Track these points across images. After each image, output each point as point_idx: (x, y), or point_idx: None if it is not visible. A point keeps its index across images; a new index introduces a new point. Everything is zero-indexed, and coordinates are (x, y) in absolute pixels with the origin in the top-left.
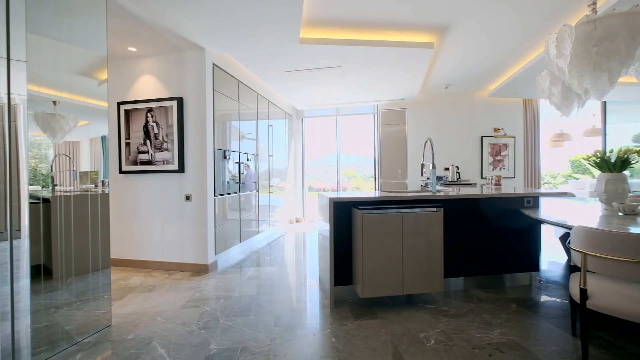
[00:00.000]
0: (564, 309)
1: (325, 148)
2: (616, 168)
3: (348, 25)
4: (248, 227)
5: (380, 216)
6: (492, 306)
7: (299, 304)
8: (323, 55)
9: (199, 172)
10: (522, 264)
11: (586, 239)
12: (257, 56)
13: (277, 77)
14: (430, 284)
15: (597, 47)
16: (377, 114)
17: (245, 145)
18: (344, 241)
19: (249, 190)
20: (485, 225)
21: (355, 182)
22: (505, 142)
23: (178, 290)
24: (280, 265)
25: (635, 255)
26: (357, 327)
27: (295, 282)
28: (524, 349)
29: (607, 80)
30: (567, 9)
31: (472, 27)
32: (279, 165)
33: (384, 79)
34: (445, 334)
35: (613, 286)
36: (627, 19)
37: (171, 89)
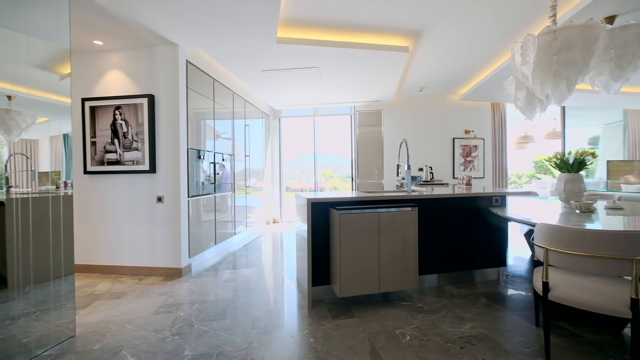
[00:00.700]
0: (529, 301)
1: (302, 148)
2: (574, 169)
3: (325, 26)
4: (224, 229)
5: (357, 216)
6: (464, 301)
7: (277, 306)
8: (300, 55)
9: (171, 172)
10: (490, 260)
11: (548, 235)
12: (233, 54)
13: (254, 76)
14: (406, 281)
15: (557, 56)
16: (354, 115)
17: (221, 145)
18: (322, 241)
19: (224, 191)
20: (457, 224)
21: (332, 182)
22: (475, 143)
23: (149, 295)
24: (258, 267)
25: (590, 249)
26: (335, 326)
27: (273, 284)
28: (492, 340)
29: (565, 87)
30: (531, 19)
31: (444, 33)
32: (256, 166)
33: (360, 81)
34: (420, 330)
35: (572, 279)
36: (582, 31)
37: (141, 86)
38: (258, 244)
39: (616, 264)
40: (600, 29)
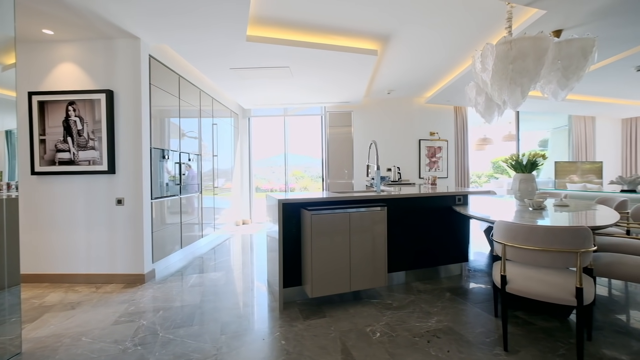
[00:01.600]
0: (488, 293)
1: (272, 148)
2: (527, 169)
3: (296, 26)
4: (190, 232)
5: (328, 216)
6: (430, 296)
7: (247, 309)
8: (271, 54)
9: (132, 173)
10: (454, 256)
11: (505, 232)
12: (200, 51)
13: (223, 74)
14: (376, 279)
15: (512, 64)
16: (325, 116)
17: (187, 144)
18: (293, 242)
19: (190, 192)
20: (424, 222)
21: (303, 182)
22: (439, 145)
23: (108, 304)
24: (226, 270)
25: (542, 244)
26: (306, 327)
27: (243, 287)
28: (456, 332)
29: (520, 94)
30: (490, 29)
31: (411, 38)
32: (224, 166)
33: (331, 82)
34: (389, 326)
35: (526, 272)
36: (534, 43)
37: (99, 81)
38: (227, 247)
39: (564, 257)
40: (550, 42)
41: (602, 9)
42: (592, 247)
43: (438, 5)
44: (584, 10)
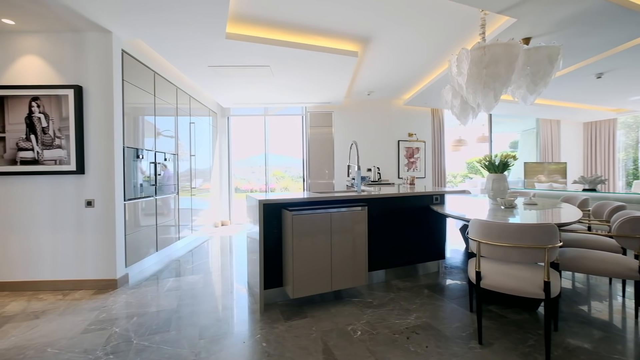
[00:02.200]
0: (464, 289)
1: (252, 148)
2: (499, 169)
3: (277, 25)
4: (166, 234)
5: (309, 217)
6: (409, 294)
7: (226, 312)
8: (251, 53)
9: (103, 173)
10: (432, 254)
11: (480, 230)
12: (177, 47)
13: (201, 72)
14: (356, 278)
15: (486, 69)
16: (306, 116)
17: (163, 144)
18: (274, 243)
19: (167, 193)
20: (403, 221)
21: (283, 182)
22: (417, 146)
23: (77, 312)
24: (205, 273)
25: (513, 241)
26: (287, 328)
27: (222, 290)
28: (434, 328)
29: (493, 97)
30: (466, 34)
31: (390, 41)
32: (203, 166)
33: (312, 82)
34: (370, 324)
35: (499, 267)
36: (506, 49)
37: (66, 76)
38: (205, 249)
39: (533, 253)
40: (520, 48)
41: (566, 19)
42: (559, 243)
43: (416, 10)
44: (550, 20)
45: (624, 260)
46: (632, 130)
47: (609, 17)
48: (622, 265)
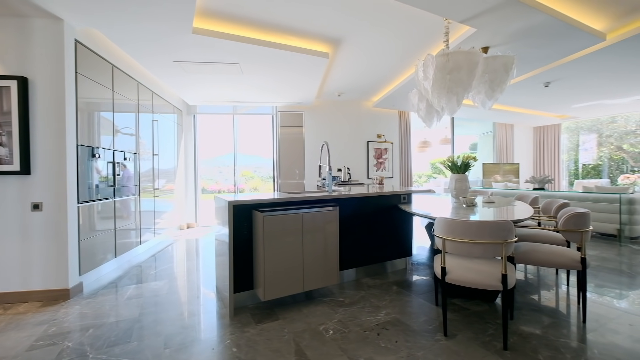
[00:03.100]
0: (430, 284)
1: (220, 147)
2: (461, 170)
3: (248, 22)
4: (126, 238)
5: (281, 217)
6: (379, 291)
7: (194, 319)
8: (220, 49)
9: (53, 174)
10: (399, 251)
11: (445, 227)
12: (139, 40)
13: (165, 67)
14: (328, 278)
15: (449, 75)
16: (276, 115)
17: (122, 142)
18: (244, 245)
19: (126, 195)
20: (372, 220)
21: (252, 182)
22: (385, 147)
23: (21, 327)
24: (169, 279)
25: (475, 237)
26: (259, 331)
27: (188, 295)
28: (403, 323)
29: (456, 102)
30: (432, 40)
31: (360, 44)
32: (166, 165)
33: (282, 81)
34: (341, 323)
35: (462, 263)
36: (467, 57)
37: (8, 66)
38: (169, 253)
39: (492, 248)
40: (479, 56)
41: (519, 32)
42: (514, 238)
43: (385, 15)
44: (505, 32)
45: (569, 253)
46: (574, 135)
47: (555, 32)
48: (567, 257)
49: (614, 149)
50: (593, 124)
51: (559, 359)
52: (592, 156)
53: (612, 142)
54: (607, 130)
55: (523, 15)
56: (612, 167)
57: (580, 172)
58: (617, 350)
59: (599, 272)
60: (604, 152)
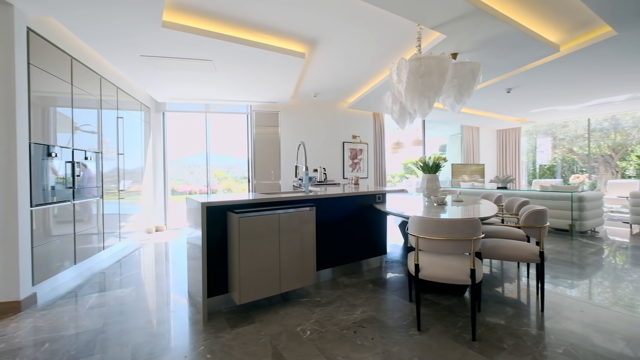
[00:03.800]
0: (404, 281)
1: (191, 147)
2: (432, 170)
3: (222, 18)
4: (87, 244)
5: (257, 219)
6: (355, 289)
7: (164, 326)
8: (192, 45)
9: (2, 174)
10: (374, 250)
11: (418, 225)
12: (102, 31)
13: (131, 61)
14: (305, 278)
15: (422, 79)
16: (251, 115)
17: (83, 140)
18: (218, 247)
19: (87, 197)
20: (348, 220)
21: (226, 183)
22: (360, 147)
23: None
24: (136, 285)
25: (446, 234)
26: (234, 336)
27: (157, 302)
28: (379, 320)
29: (427, 105)
30: (405, 44)
31: (336, 46)
32: (133, 165)
33: (257, 80)
34: (319, 323)
35: (434, 259)
36: (438, 62)
37: None
38: (136, 258)
39: (462, 244)
40: (449, 62)
41: (485, 40)
42: (481, 234)
43: (361, 18)
44: (472, 39)
45: (529, 247)
46: (532, 138)
47: (516, 41)
48: (528, 251)
49: (566, 151)
50: (548, 128)
51: (521, 346)
52: (548, 157)
53: (564, 144)
54: (560, 134)
55: (488, 24)
56: (564, 167)
57: (537, 172)
58: (570, 335)
59: (554, 264)
60: (558, 154)
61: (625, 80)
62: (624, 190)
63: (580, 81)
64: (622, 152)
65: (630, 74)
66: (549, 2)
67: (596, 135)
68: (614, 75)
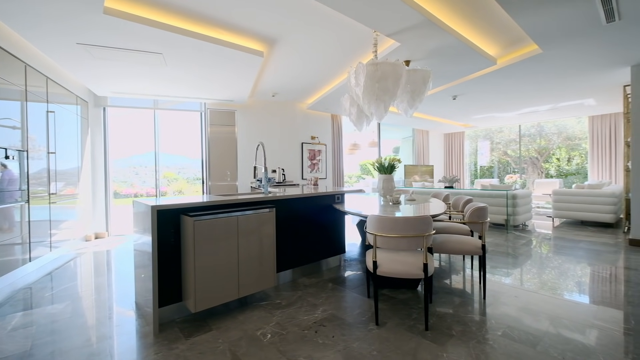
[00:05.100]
0: (362, 279)
1: (137, 145)
2: (388, 171)
3: (175, 9)
4: (8, 255)
5: (214, 222)
6: (315, 289)
7: (106, 343)
8: (139, 35)
9: None
10: (334, 249)
11: (376, 224)
12: (27, 12)
13: (65, 49)
14: (265, 281)
15: (378, 83)
16: (205, 113)
17: (1, 137)
18: (170, 253)
19: (7, 202)
20: (308, 220)
21: (176, 185)
22: (319, 148)
23: None
24: (72, 300)
25: (400, 232)
26: (190, 346)
27: (98, 317)
28: (339, 318)
29: (383, 108)
30: (363, 49)
31: (296, 45)
32: (67, 165)
33: (213, 77)
34: (279, 325)
35: (390, 256)
36: (393, 68)
37: None
38: (71, 269)
39: (415, 240)
40: (403, 68)
41: (434, 50)
42: (433, 231)
43: (321, 20)
44: (423, 49)
45: (473, 241)
46: (474, 141)
47: (460, 53)
48: (472, 244)
49: (502, 153)
50: (487, 132)
51: (467, 331)
52: (487, 159)
53: (500, 148)
54: (497, 138)
55: (437, 35)
56: (500, 168)
57: (478, 172)
58: (507, 318)
59: (493, 255)
60: (495, 156)
61: (549, 92)
62: (547, 188)
63: (513, 92)
64: (546, 155)
65: (552, 88)
66: (489, 18)
67: (525, 140)
68: (540, 88)
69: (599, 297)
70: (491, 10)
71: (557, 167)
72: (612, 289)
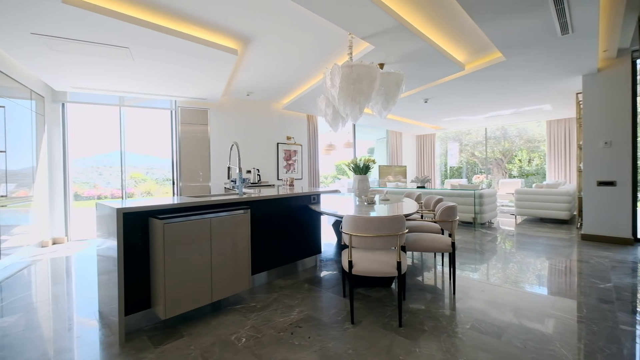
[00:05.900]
0: (337, 278)
1: (100, 144)
2: (363, 171)
3: (144, 2)
4: None
5: (185, 224)
6: (291, 290)
7: (65, 356)
8: (104, 28)
9: None
10: (309, 250)
11: (351, 224)
12: None
13: (18, 40)
14: (239, 284)
15: (353, 85)
16: (176, 111)
17: None
18: (138, 258)
19: None
20: (284, 221)
21: (145, 186)
22: (295, 149)
23: None
24: (26, 311)
25: (376, 231)
26: (159, 355)
27: (56, 328)
28: (315, 318)
29: (358, 110)
30: (340, 50)
31: (272, 45)
32: (19, 165)
33: (184, 74)
34: (254, 328)
35: (365, 255)
36: (367, 70)
37: None
38: (24, 278)
39: (389, 239)
40: (377, 71)
41: (407, 54)
42: (406, 230)
43: (296, 20)
44: (397, 52)
45: (444, 239)
46: (444, 143)
47: (431, 57)
48: (443, 242)
49: (470, 154)
50: (456, 135)
51: (438, 326)
52: (456, 160)
53: (468, 149)
54: (465, 140)
55: (409, 40)
56: (468, 169)
57: (448, 172)
58: (475, 312)
59: (462, 252)
60: (463, 157)
61: (511, 97)
62: (511, 187)
63: (480, 96)
64: (509, 157)
65: (514, 93)
66: (458, 26)
67: (491, 142)
68: (503, 93)
69: (555, 288)
70: (460, 18)
71: (519, 167)
72: (567, 281)
